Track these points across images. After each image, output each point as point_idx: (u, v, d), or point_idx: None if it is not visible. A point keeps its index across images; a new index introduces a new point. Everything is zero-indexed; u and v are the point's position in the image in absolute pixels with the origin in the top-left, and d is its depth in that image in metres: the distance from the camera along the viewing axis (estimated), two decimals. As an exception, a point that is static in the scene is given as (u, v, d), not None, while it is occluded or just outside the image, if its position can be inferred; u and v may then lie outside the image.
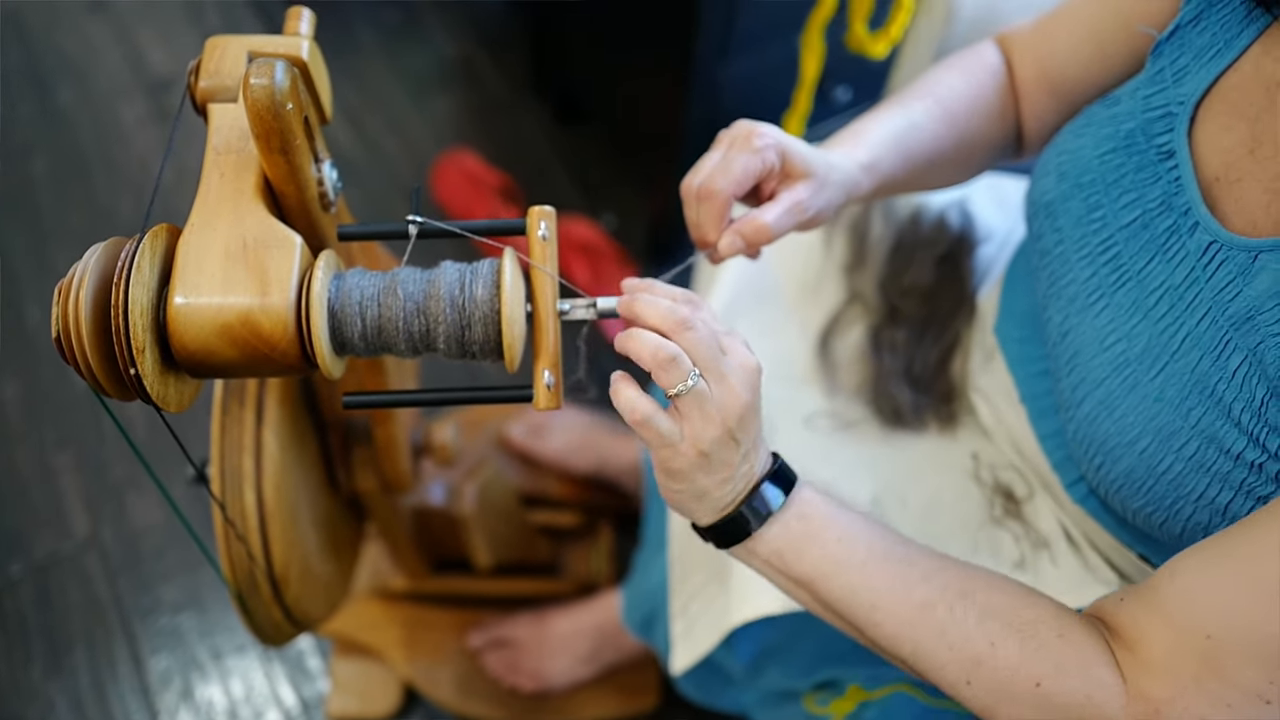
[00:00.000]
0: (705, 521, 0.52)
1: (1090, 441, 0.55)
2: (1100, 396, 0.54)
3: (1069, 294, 0.58)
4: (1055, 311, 0.59)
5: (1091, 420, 0.54)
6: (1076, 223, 0.57)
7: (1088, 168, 0.57)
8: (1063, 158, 0.59)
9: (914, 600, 0.50)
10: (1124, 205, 0.55)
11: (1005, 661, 0.47)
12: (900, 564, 0.51)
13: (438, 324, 0.47)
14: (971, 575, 0.51)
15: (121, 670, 1.16)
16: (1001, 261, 0.79)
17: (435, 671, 1.12)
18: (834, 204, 0.60)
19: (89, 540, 1.24)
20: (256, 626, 0.68)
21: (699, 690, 0.92)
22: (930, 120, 0.65)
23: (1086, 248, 0.56)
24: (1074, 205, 0.58)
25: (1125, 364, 0.53)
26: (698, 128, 1.26)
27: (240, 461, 0.64)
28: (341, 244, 0.57)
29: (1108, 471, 0.54)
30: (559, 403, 0.49)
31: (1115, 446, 0.53)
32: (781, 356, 0.80)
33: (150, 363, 0.43)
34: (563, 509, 1.23)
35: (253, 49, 0.49)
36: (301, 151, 0.46)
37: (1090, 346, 0.55)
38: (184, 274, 0.44)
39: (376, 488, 0.80)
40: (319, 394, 0.73)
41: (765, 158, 0.57)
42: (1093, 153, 0.57)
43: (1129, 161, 0.55)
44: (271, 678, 1.17)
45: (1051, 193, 0.60)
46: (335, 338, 0.47)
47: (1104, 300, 0.55)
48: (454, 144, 1.61)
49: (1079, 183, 0.57)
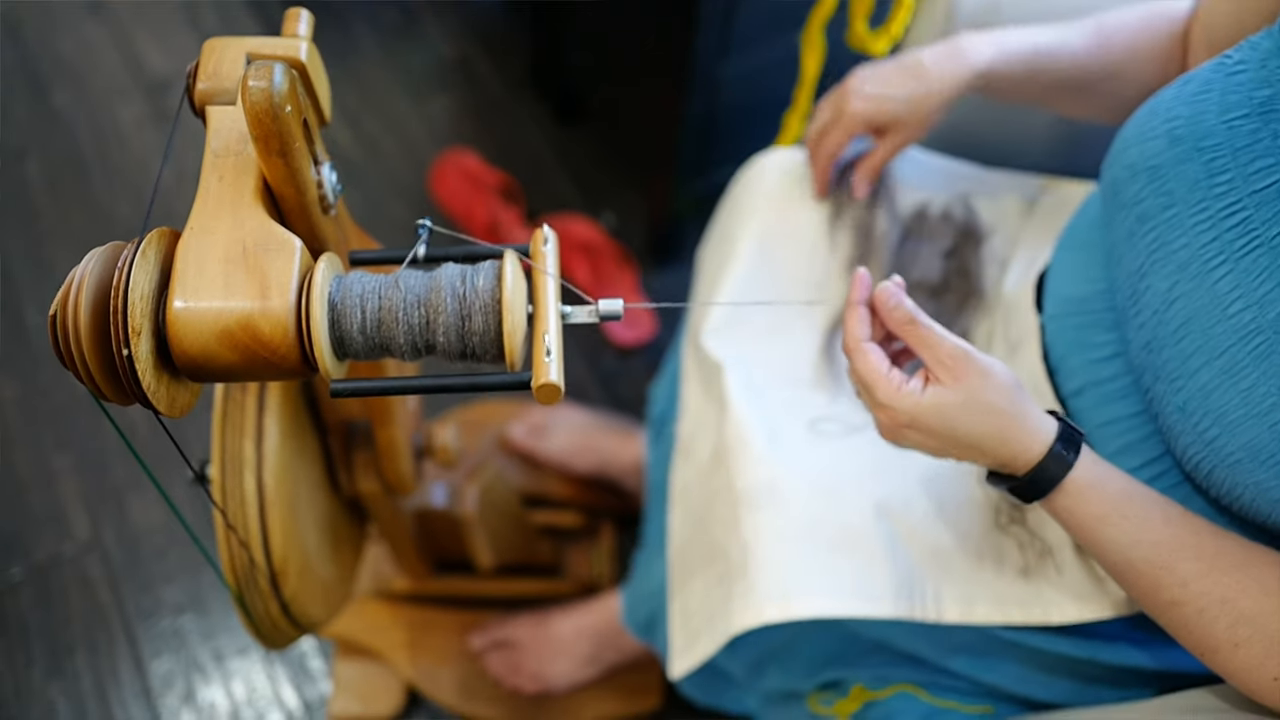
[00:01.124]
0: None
1: (1206, 412, 0.53)
2: (1223, 365, 0.52)
3: (1180, 259, 0.55)
4: (1160, 278, 0.57)
5: (1209, 391, 0.53)
6: (1193, 186, 0.55)
7: (1210, 132, 0.55)
8: (1175, 122, 0.57)
9: (1160, 599, 0.53)
10: (1256, 171, 0.53)
11: (1246, 661, 0.52)
12: (1161, 567, 0.53)
13: (438, 314, 0.47)
14: (1239, 581, 0.52)
15: (123, 673, 1.16)
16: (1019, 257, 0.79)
17: (437, 673, 1.12)
18: (928, 96, 0.68)
19: (90, 542, 1.24)
20: (256, 627, 0.68)
21: (701, 692, 0.91)
22: (1080, 38, 0.67)
23: (1207, 211, 0.54)
24: (1191, 169, 0.56)
25: (1255, 331, 0.51)
26: (697, 125, 1.25)
27: (241, 446, 0.64)
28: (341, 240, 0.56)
29: (1224, 444, 0.53)
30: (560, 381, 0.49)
31: (1239, 418, 0.52)
32: (787, 358, 0.80)
33: (150, 368, 0.43)
34: (564, 510, 1.23)
35: (251, 51, 0.49)
36: (301, 154, 0.46)
37: (1208, 313, 0.54)
38: (183, 278, 0.44)
39: (378, 490, 0.79)
40: (319, 398, 0.73)
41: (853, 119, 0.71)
42: (1216, 118, 0.55)
43: (1265, 129, 0.53)
44: (274, 679, 1.16)
45: (1161, 156, 0.57)
46: (335, 338, 0.47)
47: (1227, 265, 0.53)
48: (453, 144, 1.60)
49: (1199, 146, 0.56)
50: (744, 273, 0.82)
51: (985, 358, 0.54)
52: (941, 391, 0.54)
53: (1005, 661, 0.70)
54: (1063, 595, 0.65)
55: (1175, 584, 0.53)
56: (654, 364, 1.42)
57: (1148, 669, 0.67)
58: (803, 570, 0.67)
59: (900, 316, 0.55)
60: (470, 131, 1.64)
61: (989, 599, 0.66)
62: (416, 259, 0.51)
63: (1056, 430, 0.55)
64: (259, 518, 0.63)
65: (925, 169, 0.84)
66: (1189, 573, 0.53)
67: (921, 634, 0.69)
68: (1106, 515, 0.54)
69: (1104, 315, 0.63)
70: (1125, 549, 0.54)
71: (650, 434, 1.08)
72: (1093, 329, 0.64)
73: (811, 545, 0.68)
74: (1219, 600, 0.52)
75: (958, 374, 0.53)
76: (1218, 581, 0.52)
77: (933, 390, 0.54)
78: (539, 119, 1.66)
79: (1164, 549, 0.53)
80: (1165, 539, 0.54)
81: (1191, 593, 0.53)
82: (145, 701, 1.14)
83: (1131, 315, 0.59)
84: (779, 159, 0.85)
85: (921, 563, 0.68)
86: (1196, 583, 0.53)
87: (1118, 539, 0.54)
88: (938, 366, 0.54)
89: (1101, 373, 0.63)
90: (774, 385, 0.77)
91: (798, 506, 0.70)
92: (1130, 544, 0.54)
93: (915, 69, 0.71)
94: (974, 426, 0.54)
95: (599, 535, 1.23)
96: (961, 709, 0.73)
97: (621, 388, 1.41)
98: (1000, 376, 0.54)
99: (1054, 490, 0.55)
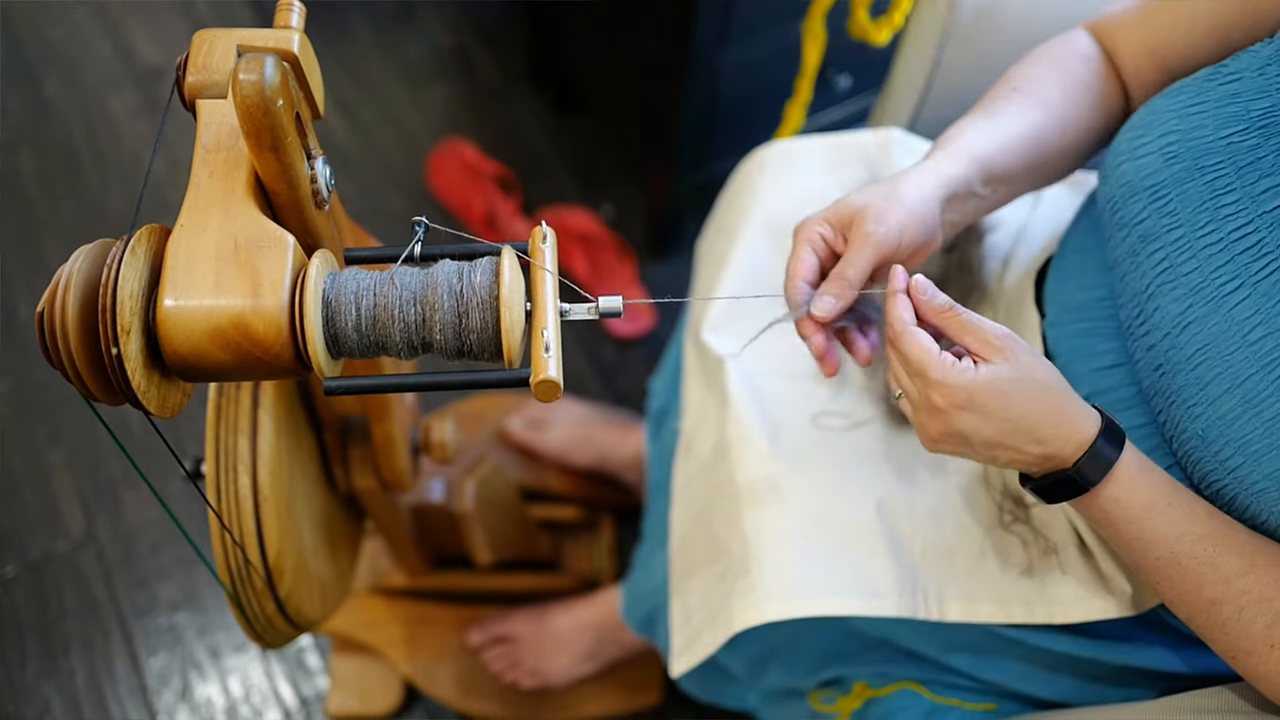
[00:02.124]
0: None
1: (1227, 441, 0.52)
2: (1244, 394, 0.51)
3: (1191, 282, 0.54)
4: (1171, 301, 0.55)
5: (1230, 420, 0.52)
6: (1198, 207, 0.54)
7: (1209, 149, 0.54)
8: (1170, 137, 0.56)
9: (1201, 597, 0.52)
10: (1265, 191, 0.52)
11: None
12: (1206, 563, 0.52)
13: (434, 311, 0.46)
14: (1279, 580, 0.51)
15: (119, 669, 1.15)
16: (1020, 252, 0.78)
17: (435, 669, 1.11)
18: (913, 211, 0.58)
19: (84, 538, 1.23)
20: (252, 627, 0.67)
21: (701, 688, 0.91)
22: (1021, 110, 0.64)
23: (1217, 234, 0.53)
24: (1193, 188, 0.55)
25: (1277, 361, 0.50)
26: (697, 116, 1.24)
27: (236, 443, 0.63)
28: (335, 236, 0.55)
29: (1248, 474, 0.52)
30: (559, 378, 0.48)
31: (1262, 448, 0.51)
32: (790, 353, 0.79)
33: (140, 368, 0.42)
34: (563, 504, 1.22)
35: (242, 43, 0.48)
36: (293, 149, 0.45)
37: (1227, 339, 0.52)
38: (174, 276, 0.43)
39: (375, 486, 0.79)
40: (315, 394, 0.72)
41: (812, 236, 0.59)
42: (1214, 134, 0.54)
43: (1266, 144, 0.52)
44: (271, 676, 1.16)
45: (1159, 174, 0.56)
46: (330, 336, 0.46)
47: (1245, 290, 0.52)
48: (450, 134, 1.59)
49: (1199, 165, 0.54)
50: (745, 265, 0.81)
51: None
52: (996, 368, 0.52)
53: (1008, 660, 0.70)
54: (1066, 594, 0.64)
55: (1219, 580, 0.52)
56: (653, 356, 1.41)
57: (1151, 669, 0.66)
58: (804, 568, 0.66)
59: (940, 303, 0.54)
60: (467, 122, 1.63)
61: (992, 597, 0.66)
62: (412, 257, 0.50)
63: (1101, 416, 0.53)
64: (254, 515, 0.63)
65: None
66: (1232, 569, 0.51)
67: (923, 632, 0.68)
68: (1154, 504, 0.53)
69: (1105, 323, 0.62)
70: (1172, 541, 0.52)
71: (650, 428, 1.07)
72: (1094, 336, 0.63)
73: (813, 543, 0.67)
74: (1259, 599, 0.51)
75: (1008, 353, 0.52)
76: (1259, 579, 0.51)
77: (986, 368, 0.52)
78: (537, 109, 1.65)
79: (1209, 542, 0.52)
80: (1210, 531, 0.52)
81: (1234, 590, 0.51)
82: (141, 699, 1.13)
83: (1139, 335, 0.58)
84: (780, 150, 0.84)
85: (924, 560, 0.67)
86: (1240, 580, 0.51)
87: (1165, 531, 0.52)
88: (986, 348, 0.52)
89: (1105, 382, 0.62)
90: (776, 379, 0.77)
91: (799, 504, 0.69)
92: (1177, 536, 0.52)
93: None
94: (1031, 404, 0.52)
95: (599, 530, 1.22)
96: (963, 707, 0.72)
97: (621, 380, 1.40)
98: (1042, 358, 0.53)
99: (1105, 478, 0.53)
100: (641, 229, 1.51)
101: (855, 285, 0.58)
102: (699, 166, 1.34)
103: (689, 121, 1.24)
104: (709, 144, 1.31)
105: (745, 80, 1.23)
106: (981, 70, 0.89)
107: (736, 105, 1.27)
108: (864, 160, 0.83)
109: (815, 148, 0.84)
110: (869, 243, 0.57)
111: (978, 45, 0.88)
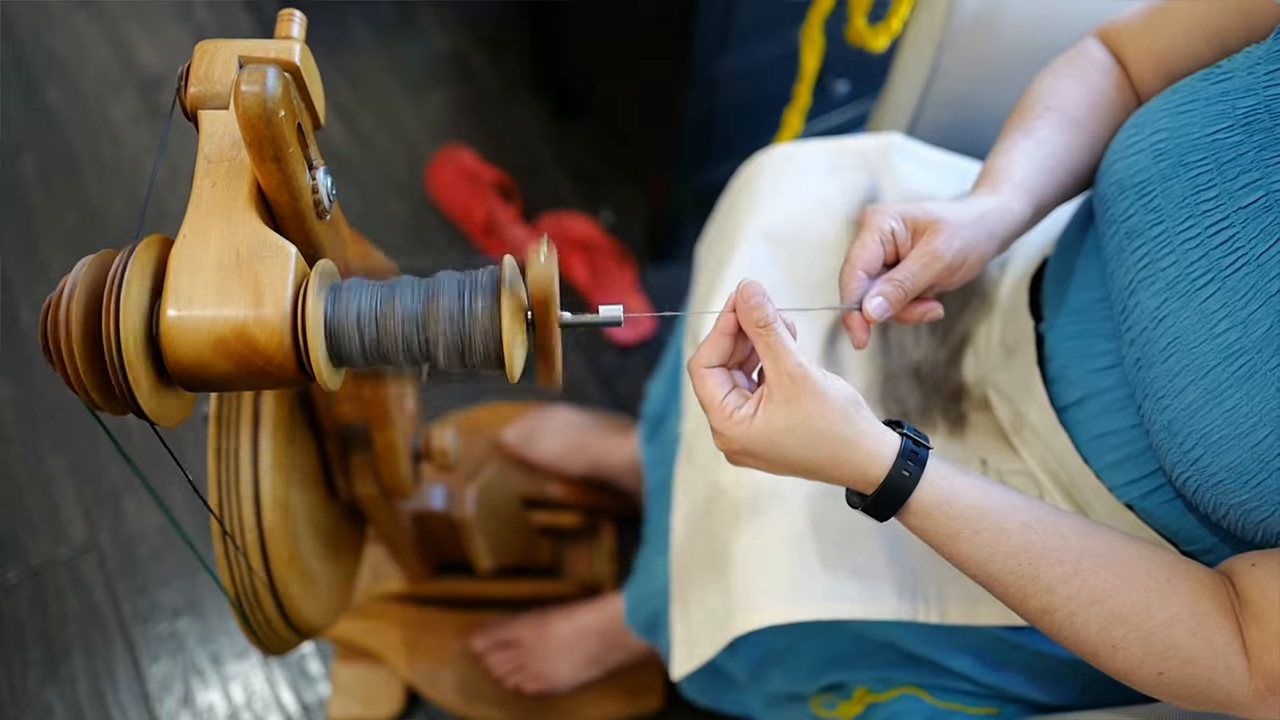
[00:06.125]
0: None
1: (1190, 432, 0.52)
2: (1207, 385, 0.51)
3: (1168, 277, 0.55)
4: (1149, 296, 0.56)
5: (1193, 410, 0.52)
6: (1180, 203, 0.55)
7: (1194, 146, 0.55)
8: (1159, 135, 0.57)
9: (1030, 607, 0.53)
10: (1243, 186, 0.52)
11: (1126, 661, 0.51)
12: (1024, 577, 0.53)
13: (437, 342, 0.47)
14: (1108, 581, 0.51)
15: (121, 676, 1.15)
16: (1019, 255, 0.78)
17: (437, 674, 1.11)
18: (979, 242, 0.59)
19: (86, 545, 1.23)
20: (255, 634, 0.67)
21: (702, 693, 0.91)
22: (1056, 133, 0.64)
23: (1195, 229, 0.54)
24: (1177, 185, 0.55)
25: (1239, 351, 0.50)
26: (696, 122, 1.24)
27: (238, 450, 0.63)
28: (336, 245, 0.56)
29: (1208, 465, 0.52)
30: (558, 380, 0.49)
31: (1221, 439, 0.51)
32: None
33: (143, 378, 0.42)
34: (564, 510, 1.22)
35: (243, 54, 0.48)
36: (295, 159, 0.45)
37: (1195, 332, 0.53)
38: (176, 286, 0.43)
39: (376, 493, 0.79)
40: (316, 403, 0.72)
41: (884, 227, 0.59)
42: (1201, 131, 0.55)
43: (1249, 140, 0.52)
44: (273, 682, 1.16)
45: (1147, 172, 0.57)
46: (333, 351, 0.46)
47: (1215, 284, 0.52)
48: (450, 140, 1.59)
49: (1183, 162, 0.55)
50: (745, 270, 0.81)
51: (825, 380, 0.52)
52: (771, 416, 0.51)
53: (1009, 663, 0.70)
54: None
55: (1043, 591, 0.52)
56: (653, 361, 1.42)
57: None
58: (804, 572, 0.67)
59: (757, 317, 0.52)
60: (467, 128, 1.63)
61: (992, 600, 0.66)
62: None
63: (899, 448, 0.53)
64: (256, 524, 0.63)
65: (928, 163, 0.83)
66: (1054, 578, 0.52)
67: (924, 635, 0.68)
68: (958, 532, 0.53)
69: (1102, 325, 0.62)
70: (982, 563, 0.53)
71: (645, 431, 1.07)
72: (1092, 338, 0.63)
73: (813, 547, 0.68)
74: (1088, 602, 0.51)
75: (790, 395, 0.51)
76: (1085, 584, 0.51)
77: (763, 415, 0.52)
78: (537, 115, 1.65)
79: (1023, 559, 0.52)
80: (1023, 548, 0.52)
81: (1059, 598, 0.52)
82: (143, 705, 1.13)
83: (1123, 331, 0.58)
84: (779, 155, 0.84)
85: (924, 564, 0.67)
86: (1063, 587, 0.52)
87: (972, 554, 0.53)
88: (775, 383, 0.52)
89: (1101, 383, 0.62)
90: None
91: (799, 508, 0.69)
92: (985, 559, 0.53)
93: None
94: (806, 453, 0.52)
95: (599, 535, 1.22)
96: (965, 711, 0.72)
97: (621, 386, 1.40)
98: (835, 400, 0.52)
99: (901, 510, 0.54)
100: (641, 234, 1.52)
101: (908, 298, 0.59)
102: (698, 172, 1.35)
103: (688, 127, 1.24)
104: (708, 149, 1.32)
105: (744, 86, 1.23)
106: (979, 76, 0.90)
107: (735, 111, 1.27)
108: (864, 165, 0.83)
109: (815, 152, 0.84)
110: (939, 263, 0.58)
111: (975, 51, 0.88)
